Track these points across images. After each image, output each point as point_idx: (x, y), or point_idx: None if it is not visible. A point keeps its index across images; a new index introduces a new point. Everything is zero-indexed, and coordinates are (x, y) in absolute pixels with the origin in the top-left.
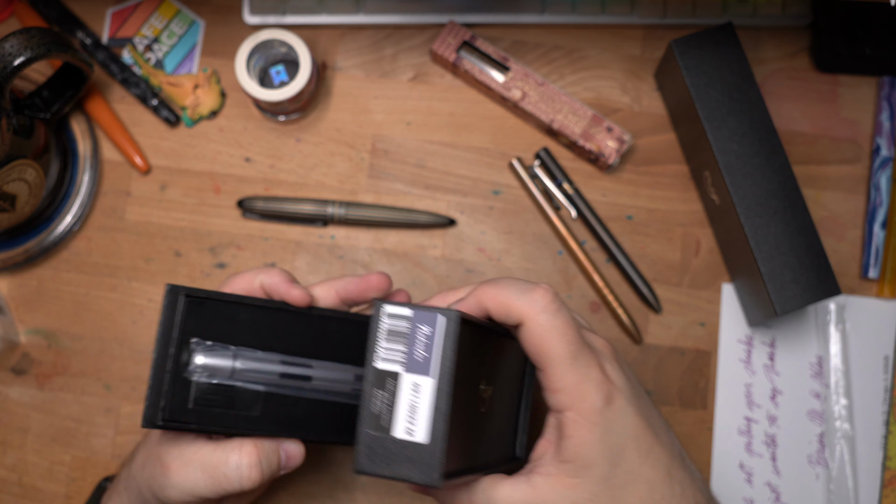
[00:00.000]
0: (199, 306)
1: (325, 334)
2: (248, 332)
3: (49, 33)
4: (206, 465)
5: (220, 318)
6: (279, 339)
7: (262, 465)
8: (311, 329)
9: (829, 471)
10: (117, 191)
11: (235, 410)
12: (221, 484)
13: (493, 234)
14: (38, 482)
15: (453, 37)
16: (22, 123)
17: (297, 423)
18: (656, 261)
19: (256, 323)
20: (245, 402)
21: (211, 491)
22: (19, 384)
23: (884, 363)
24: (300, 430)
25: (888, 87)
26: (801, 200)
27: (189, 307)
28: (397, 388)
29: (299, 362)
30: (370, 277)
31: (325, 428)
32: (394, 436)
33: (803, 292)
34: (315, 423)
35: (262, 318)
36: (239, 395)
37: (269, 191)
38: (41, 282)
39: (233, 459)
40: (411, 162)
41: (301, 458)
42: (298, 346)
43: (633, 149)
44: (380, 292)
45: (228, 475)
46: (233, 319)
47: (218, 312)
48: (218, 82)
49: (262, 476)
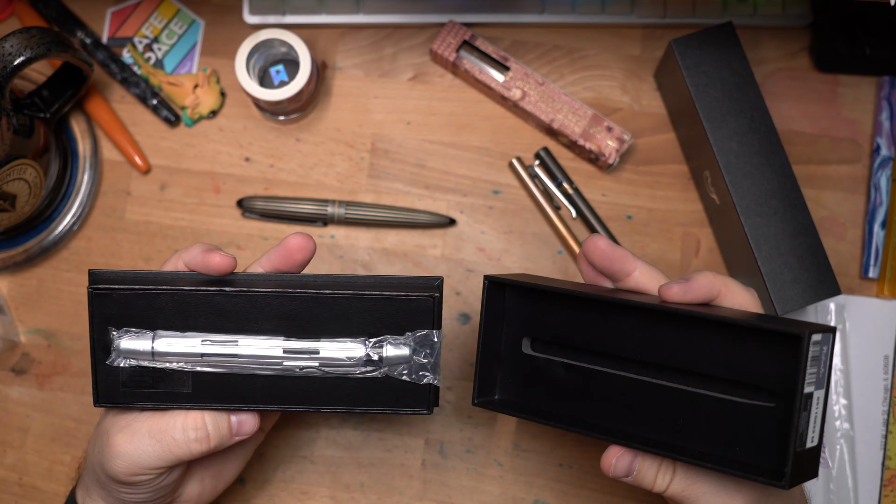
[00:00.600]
0: (108, 298)
1: (252, 308)
2: (168, 316)
3: (49, 33)
4: (154, 431)
5: (137, 306)
6: (204, 319)
7: (208, 428)
8: (235, 305)
9: (829, 471)
10: (117, 190)
11: (167, 389)
12: (170, 448)
13: (493, 234)
14: (38, 482)
15: (453, 36)
16: (22, 123)
17: (233, 395)
18: (656, 261)
19: (176, 305)
20: (177, 380)
21: (159, 457)
22: (19, 384)
23: (884, 363)
24: (238, 402)
25: (888, 87)
26: (801, 200)
27: (98, 298)
28: (812, 405)
29: (222, 340)
30: (288, 241)
31: (263, 398)
32: (806, 447)
33: (803, 292)
34: (252, 393)
35: (179, 299)
36: (169, 374)
37: (269, 190)
38: (41, 282)
39: (179, 422)
40: (411, 162)
41: (254, 423)
42: (225, 324)
43: (633, 148)
44: (303, 252)
45: (177, 438)
46: (151, 305)
47: (131, 301)
48: (218, 82)
49: (209, 439)
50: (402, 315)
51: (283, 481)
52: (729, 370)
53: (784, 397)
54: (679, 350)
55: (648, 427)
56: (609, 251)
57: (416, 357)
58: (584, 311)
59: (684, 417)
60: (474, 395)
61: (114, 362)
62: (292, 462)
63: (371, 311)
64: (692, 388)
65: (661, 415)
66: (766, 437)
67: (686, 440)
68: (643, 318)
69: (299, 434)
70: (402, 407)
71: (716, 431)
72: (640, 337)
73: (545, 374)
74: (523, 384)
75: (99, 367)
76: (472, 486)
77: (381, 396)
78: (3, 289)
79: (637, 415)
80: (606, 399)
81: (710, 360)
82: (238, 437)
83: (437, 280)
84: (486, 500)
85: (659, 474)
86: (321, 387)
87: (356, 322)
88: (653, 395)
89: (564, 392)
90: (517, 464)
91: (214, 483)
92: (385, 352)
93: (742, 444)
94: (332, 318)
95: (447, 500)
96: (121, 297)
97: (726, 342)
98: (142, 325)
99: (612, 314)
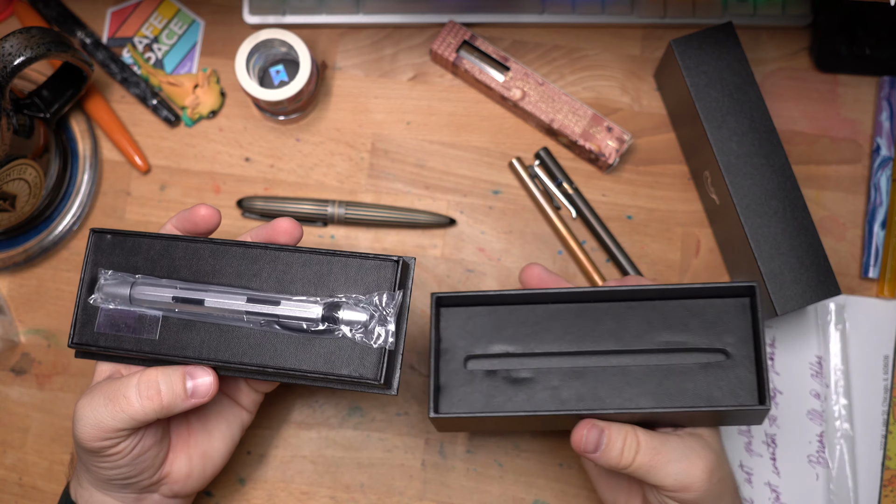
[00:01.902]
0: (104, 239)
1: (244, 261)
2: (155, 264)
3: (49, 33)
4: (108, 392)
5: (129, 252)
6: (185, 271)
7: (160, 386)
8: (218, 260)
9: (829, 471)
10: (117, 191)
11: (137, 335)
12: (122, 406)
13: (492, 234)
14: (38, 482)
15: (453, 36)
16: (22, 123)
17: (198, 347)
18: (656, 261)
19: (166, 256)
20: (146, 327)
21: (113, 417)
22: (19, 384)
23: (884, 363)
24: (203, 357)
25: (888, 87)
26: (801, 200)
27: (96, 240)
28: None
29: (193, 288)
30: (197, 209)
31: (228, 353)
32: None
33: (803, 292)
34: (218, 348)
35: (170, 250)
36: (141, 321)
37: (269, 190)
38: (41, 282)
39: (132, 381)
40: (411, 162)
41: (211, 385)
42: (201, 275)
43: (633, 149)
44: (206, 222)
45: (129, 396)
46: (139, 253)
47: (127, 246)
48: (218, 82)
49: (161, 397)
50: (371, 277)
51: (283, 481)
52: (667, 339)
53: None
54: (621, 329)
55: (609, 404)
56: (545, 277)
57: (374, 322)
58: (527, 312)
59: (645, 386)
60: (429, 409)
61: (95, 301)
62: (292, 462)
63: (341, 273)
64: (645, 362)
65: (617, 391)
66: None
67: (658, 403)
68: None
69: (299, 434)
70: (352, 369)
71: (673, 391)
72: (606, 327)
73: (498, 380)
74: (480, 392)
75: (82, 307)
76: (472, 486)
77: (343, 360)
78: (3, 289)
79: (592, 395)
80: (562, 388)
81: (655, 333)
82: (195, 400)
83: (412, 259)
84: (486, 500)
85: (625, 447)
86: (282, 348)
87: (325, 283)
88: (604, 375)
89: (519, 391)
90: (517, 464)
91: (203, 464)
92: (342, 315)
93: (687, 396)
94: (305, 279)
95: (447, 500)
96: (116, 240)
97: (667, 313)
98: (128, 270)
99: (556, 309)
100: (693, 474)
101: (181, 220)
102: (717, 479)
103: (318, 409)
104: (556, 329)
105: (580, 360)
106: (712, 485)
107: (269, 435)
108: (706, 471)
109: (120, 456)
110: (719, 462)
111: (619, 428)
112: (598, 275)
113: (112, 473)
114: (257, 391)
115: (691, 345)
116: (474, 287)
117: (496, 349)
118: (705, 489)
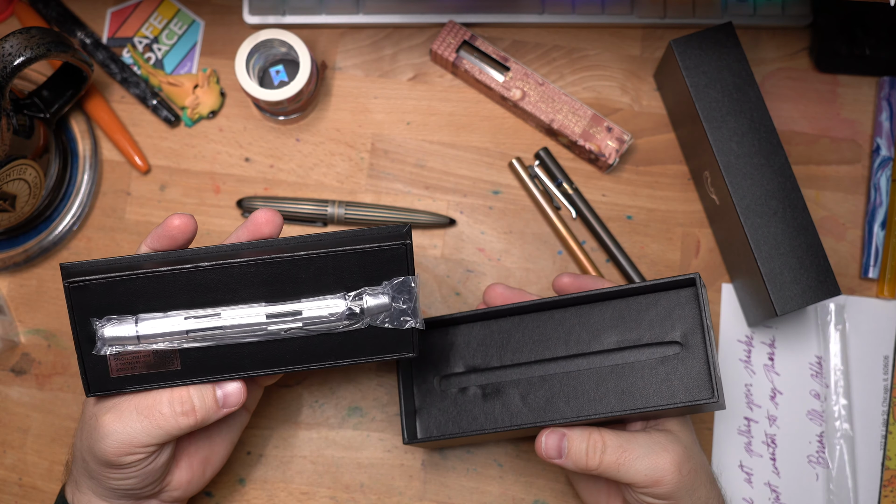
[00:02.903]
0: (85, 290)
1: (230, 280)
2: (149, 299)
3: (49, 33)
4: (141, 408)
5: (115, 293)
6: (184, 296)
7: (194, 401)
8: (213, 279)
9: (829, 471)
10: (117, 191)
11: (157, 369)
12: (158, 422)
13: (492, 234)
14: (38, 482)
15: (453, 36)
16: (22, 123)
17: (222, 366)
18: (656, 261)
19: (155, 287)
20: (164, 359)
21: (147, 433)
22: (19, 384)
23: (884, 363)
24: (228, 371)
25: (888, 87)
26: (800, 200)
27: (75, 292)
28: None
29: (205, 314)
30: (169, 221)
31: (253, 366)
32: None
33: (803, 292)
34: (241, 363)
35: (157, 281)
36: (158, 357)
37: (269, 191)
38: (41, 282)
39: (165, 397)
40: (411, 162)
41: (241, 394)
42: (206, 298)
43: (633, 149)
44: (183, 233)
45: (164, 412)
46: (129, 290)
47: (109, 289)
48: (218, 82)
49: (195, 411)
50: (377, 266)
51: (283, 481)
52: (623, 338)
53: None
54: (583, 333)
55: (570, 410)
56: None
57: (396, 304)
58: (492, 327)
59: (606, 389)
60: (404, 437)
61: (100, 351)
62: (292, 462)
63: (346, 266)
64: (607, 363)
65: (579, 395)
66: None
67: (614, 406)
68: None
69: (299, 434)
70: (387, 353)
71: (636, 387)
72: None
73: (470, 396)
74: (451, 413)
75: (85, 358)
76: (472, 486)
77: (366, 347)
78: (3, 289)
79: (555, 401)
80: (530, 395)
81: (614, 333)
82: (226, 409)
83: (405, 227)
84: (486, 500)
85: (589, 449)
86: (306, 345)
87: (333, 278)
88: (565, 382)
89: (493, 405)
90: (517, 464)
91: (203, 468)
92: (365, 303)
93: (650, 394)
94: (309, 278)
95: (447, 500)
96: (98, 287)
97: (616, 313)
98: (122, 311)
99: (519, 320)
100: (662, 468)
101: (156, 239)
102: (687, 471)
103: (318, 410)
104: (521, 340)
105: (546, 368)
106: (683, 476)
107: (268, 435)
108: (675, 463)
109: (137, 469)
110: (688, 454)
111: (580, 431)
112: (598, 275)
113: (120, 484)
114: (259, 385)
115: (647, 340)
116: (474, 287)
117: (466, 366)
118: (676, 482)
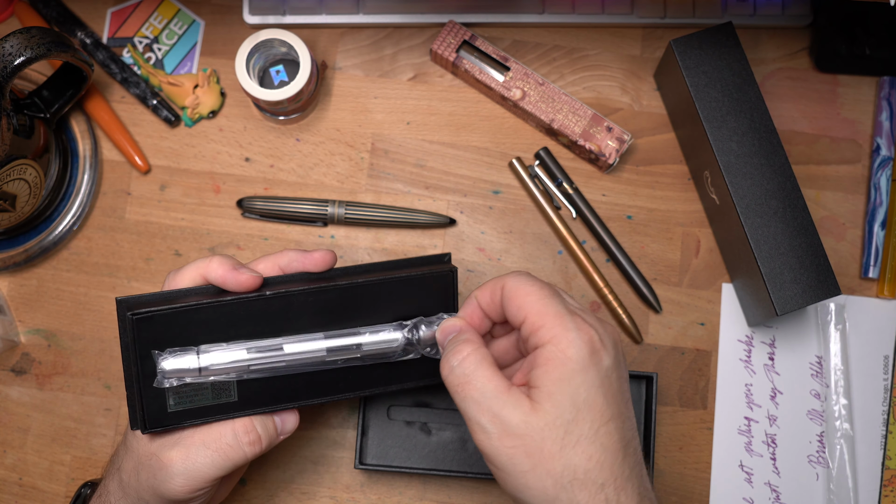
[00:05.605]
0: (149, 321)
1: (290, 308)
2: (210, 329)
3: (49, 33)
4: (208, 441)
5: (177, 324)
6: (244, 326)
7: (258, 430)
8: (273, 307)
9: (829, 471)
10: (117, 190)
11: (216, 401)
12: (226, 454)
13: (493, 234)
14: (38, 482)
15: (453, 36)
16: (22, 123)
17: (279, 396)
18: (656, 261)
19: (217, 317)
20: (222, 391)
21: (218, 466)
22: (19, 384)
23: (884, 363)
24: (285, 402)
25: (888, 87)
26: (801, 200)
27: (138, 324)
28: None
29: (267, 346)
30: (314, 255)
31: (308, 394)
32: None
33: (803, 292)
34: (297, 392)
35: (220, 311)
36: (215, 388)
37: (269, 190)
38: (41, 282)
39: (229, 429)
40: (411, 162)
41: (296, 420)
42: (264, 328)
43: (633, 148)
44: (322, 269)
45: (231, 444)
46: (191, 321)
47: (172, 320)
48: (218, 82)
49: (261, 440)
50: (425, 292)
51: (283, 481)
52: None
53: None
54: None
55: None
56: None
57: None
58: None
59: None
60: (356, 462)
61: (161, 384)
62: (292, 462)
63: (397, 293)
64: None
65: None
66: None
67: None
68: None
69: (299, 434)
70: (434, 378)
71: None
72: None
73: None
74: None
75: (145, 392)
76: (472, 486)
77: (411, 372)
78: (3, 289)
79: None
80: None
81: (392, 307)
82: (283, 436)
83: (445, 256)
84: (486, 500)
85: (491, 286)
86: (359, 372)
87: (384, 305)
88: None
89: None
90: None
91: (225, 488)
92: (421, 333)
93: None
94: (363, 306)
95: (447, 500)
96: (161, 318)
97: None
98: (181, 342)
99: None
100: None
101: (288, 268)
102: None
103: (319, 410)
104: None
105: None
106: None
107: None
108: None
109: (199, 501)
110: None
111: (472, 302)
112: (598, 275)
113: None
114: None
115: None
116: (475, 287)
117: None
118: (561, 335)
